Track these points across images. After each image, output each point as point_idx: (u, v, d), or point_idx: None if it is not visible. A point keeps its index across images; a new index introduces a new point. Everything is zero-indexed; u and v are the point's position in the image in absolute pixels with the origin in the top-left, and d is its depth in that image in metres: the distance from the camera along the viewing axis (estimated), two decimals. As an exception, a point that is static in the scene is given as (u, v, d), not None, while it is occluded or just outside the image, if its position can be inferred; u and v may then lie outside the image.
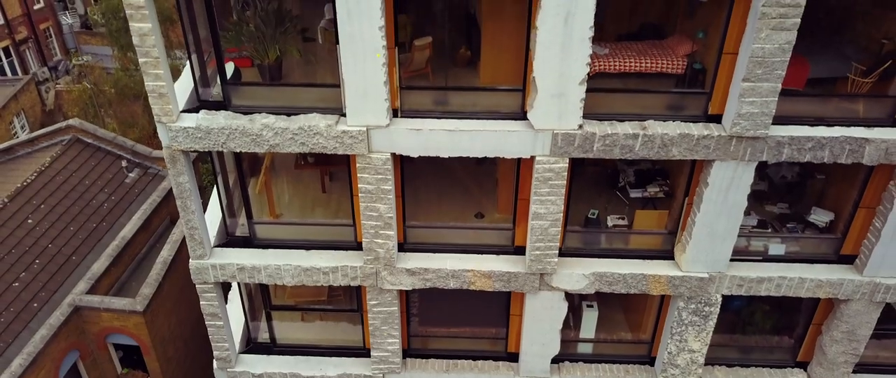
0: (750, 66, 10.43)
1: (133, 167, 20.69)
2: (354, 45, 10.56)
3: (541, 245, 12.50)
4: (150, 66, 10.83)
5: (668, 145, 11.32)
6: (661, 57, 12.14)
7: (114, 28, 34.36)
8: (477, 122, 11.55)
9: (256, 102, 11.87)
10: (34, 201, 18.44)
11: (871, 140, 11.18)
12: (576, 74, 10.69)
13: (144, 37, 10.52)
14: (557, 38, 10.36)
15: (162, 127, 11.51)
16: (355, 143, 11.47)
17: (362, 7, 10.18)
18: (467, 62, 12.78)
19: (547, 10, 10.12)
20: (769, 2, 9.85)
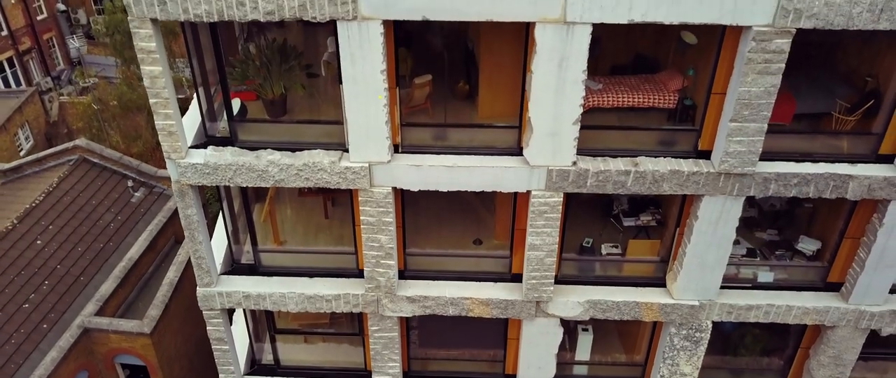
0: (737, 107, 10.85)
1: (138, 186, 21.11)
2: (357, 86, 10.98)
3: (537, 274, 12.92)
4: (161, 105, 11.25)
5: (659, 181, 11.74)
6: (654, 92, 12.56)
7: (117, 42, 34.79)
8: (475, 157, 11.97)
9: (262, 138, 12.29)
10: (43, 222, 18.86)
11: (855, 176, 11.60)
12: (570, 115, 11.11)
13: (155, 79, 10.95)
14: (552, 82, 10.78)
15: (171, 163, 11.92)
16: (358, 179, 11.89)
17: (365, 52, 10.61)
18: (466, 96, 13.22)
19: (542, 55, 10.55)
20: (755, 48, 10.28)
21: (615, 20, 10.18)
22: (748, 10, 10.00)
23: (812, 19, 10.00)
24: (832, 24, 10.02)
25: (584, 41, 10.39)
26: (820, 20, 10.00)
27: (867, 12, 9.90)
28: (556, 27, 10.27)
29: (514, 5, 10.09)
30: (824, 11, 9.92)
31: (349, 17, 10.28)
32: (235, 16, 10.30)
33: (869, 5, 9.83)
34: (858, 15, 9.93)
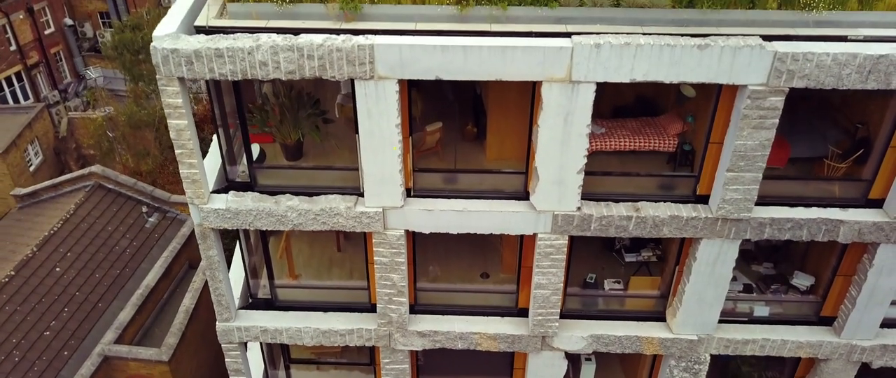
0: (733, 158, 11.44)
1: (152, 212, 21.68)
2: (373, 139, 11.57)
3: (543, 311, 13.50)
4: (185, 156, 11.83)
5: (659, 226, 12.33)
6: (654, 136, 13.15)
7: (126, 60, 35.33)
8: (483, 202, 12.55)
9: (280, 182, 12.87)
10: (61, 249, 19.43)
11: (846, 221, 12.19)
12: (574, 165, 11.69)
13: (181, 131, 11.53)
14: (558, 135, 11.36)
15: (194, 208, 12.50)
16: (372, 223, 12.47)
17: (381, 108, 11.19)
18: (474, 138, 13.83)
19: (548, 110, 11.13)
20: (750, 105, 10.87)
21: (618, 79, 10.77)
22: (744, 71, 10.58)
23: (804, 80, 10.59)
24: (823, 84, 10.61)
25: (588, 98, 10.98)
26: (811, 80, 10.59)
27: (856, 74, 10.49)
28: (562, 86, 10.86)
29: (523, 67, 10.67)
30: (815, 73, 10.50)
31: (366, 76, 10.87)
32: (259, 75, 10.89)
33: (857, 67, 10.42)
34: (847, 76, 10.51)
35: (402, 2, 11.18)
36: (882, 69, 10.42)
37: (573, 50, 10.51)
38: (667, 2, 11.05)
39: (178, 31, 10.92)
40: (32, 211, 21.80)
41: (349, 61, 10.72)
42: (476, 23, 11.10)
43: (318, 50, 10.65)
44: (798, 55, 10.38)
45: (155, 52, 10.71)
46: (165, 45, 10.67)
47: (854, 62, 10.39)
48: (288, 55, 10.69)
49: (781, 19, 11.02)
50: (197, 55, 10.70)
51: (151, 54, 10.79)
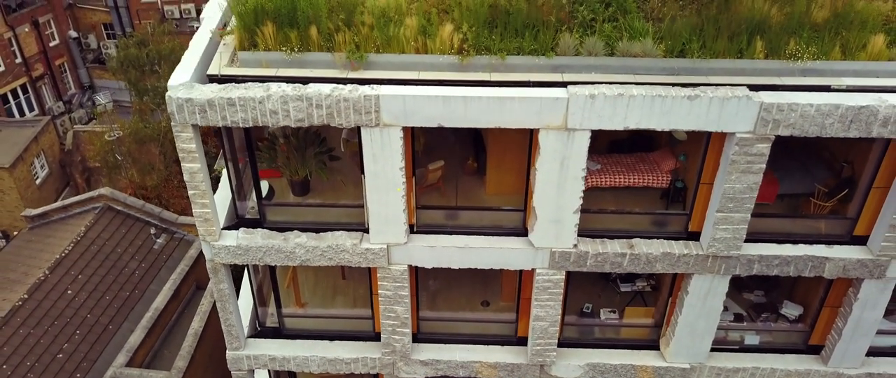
0: (723, 200, 11.96)
1: (160, 233, 22.21)
2: (378, 180, 12.09)
3: (541, 341, 14.02)
4: (198, 196, 12.35)
5: (652, 262, 12.85)
6: (648, 172, 13.68)
7: (131, 76, 35.84)
8: (484, 238, 13.07)
9: (288, 218, 13.39)
10: (72, 272, 19.95)
11: (831, 258, 12.70)
12: (571, 205, 12.22)
13: (194, 174, 12.05)
14: (554, 178, 11.89)
15: (206, 245, 13.02)
16: (377, 258, 12.99)
17: (386, 153, 11.71)
18: (474, 172, 14.36)
19: (545, 155, 11.65)
20: (738, 152, 11.40)
21: (612, 127, 11.30)
22: (731, 120, 11.10)
23: (789, 128, 11.11)
24: (807, 133, 11.13)
25: (583, 144, 11.50)
26: (796, 129, 11.11)
27: (838, 123, 11.01)
28: (558, 133, 11.38)
29: (521, 116, 11.20)
30: (800, 122, 11.03)
31: (372, 124, 11.39)
32: (269, 123, 11.41)
33: (839, 117, 10.94)
34: (830, 125, 11.04)
35: (406, 51, 11.70)
36: (863, 119, 10.94)
37: (569, 100, 11.03)
38: (659, 51, 11.55)
39: (192, 79, 11.44)
40: (43, 232, 22.32)
41: (356, 110, 11.24)
42: (476, 71, 11.61)
43: (326, 99, 11.17)
44: (783, 106, 10.90)
45: (170, 101, 11.23)
46: (180, 95, 11.19)
47: (836, 112, 10.90)
48: (297, 104, 11.21)
49: (768, 68, 11.52)
50: (210, 104, 11.22)
51: (166, 102, 11.31)
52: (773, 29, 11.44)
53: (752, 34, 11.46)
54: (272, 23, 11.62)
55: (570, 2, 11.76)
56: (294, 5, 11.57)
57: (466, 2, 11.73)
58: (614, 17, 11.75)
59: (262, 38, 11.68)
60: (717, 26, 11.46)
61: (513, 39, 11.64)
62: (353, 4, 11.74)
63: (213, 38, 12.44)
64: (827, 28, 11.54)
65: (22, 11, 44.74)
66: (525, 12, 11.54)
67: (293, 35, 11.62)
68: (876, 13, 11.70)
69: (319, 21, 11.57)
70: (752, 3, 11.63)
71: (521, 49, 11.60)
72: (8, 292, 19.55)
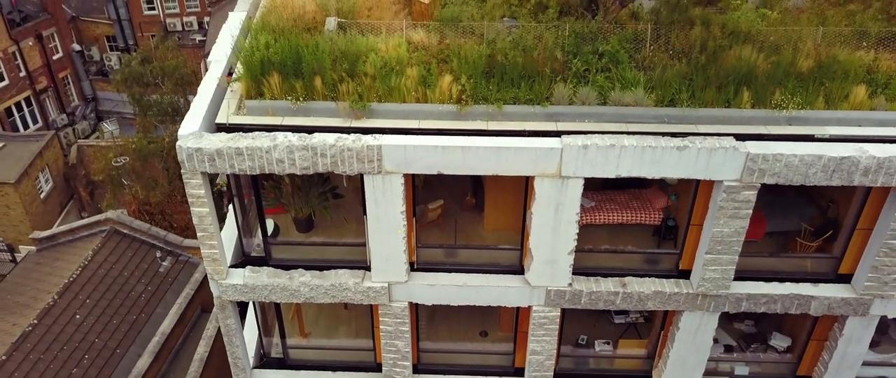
0: (711, 243, 12.44)
1: (165, 256, 22.67)
2: (380, 223, 12.56)
3: (538, 373, 14.49)
4: (207, 238, 12.81)
5: (644, 300, 13.33)
6: (641, 210, 14.14)
7: (135, 92, 36.27)
8: (481, 276, 13.54)
9: (293, 256, 13.86)
10: (80, 296, 20.40)
11: (817, 297, 13.18)
12: (565, 247, 12.69)
13: (203, 218, 12.52)
14: (549, 221, 12.36)
15: (214, 283, 13.49)
16: (378, 296, 13.47)
17: (388, 198, 12.19)
18: (473, 207, 14.82)
19: (540, 201, 12.13)
20: (726, 199, 11.88)
21: (604, 175, 11.77)
22: (719, 169, 11.58)
23: (774, 177, 11.59)
24: (791, 181, 11.61)
25: (577, 191, 11.97)
26: (781, 178, 11.58)
27: (821, 172, 11.48)
28: (553, 180, 11.86)
29: (517, 164, 11.67)
30: (785, 171, 11.50)
31: (375, 171, 11.86)
32: (275, 170, 11.88)
33: (822, 167, 11.42)
34: (813, 174, 11.51)
35: (407, 100, 12.17)
36: (845, 169, 11.41)
37: (563, 150, 11.50)
38: (650, 101, 12.03)
39: (201, 128, 11.90)
40: (51, 255, 22.77)
41: (359, 159, 11.71)
42: (474, 119, 12.09)
43: (330, 149, 11.64)
44: (768, 156, 11.37)
45: (180, 150, 11.70)
46: (190, 145, 11.66)
47: (819, 162, 11.38)
48: (303, 154, 11.68)
49: (755, 116, 12.01)
50: (219, 153, 11.69)
51: (177, 152, 11.78)
52: (759, 80, 11.91)
53: (740, 85, 11.94)
54: (278, 73, 12.09)
55: (564, 53, 12.23)
56: (299, 57, 12.05)
57: (465, 52, 12.19)
58: (607, 67, 12.22)
59: (269, 87, 12.16)
60: (706, 77, 11.94)
61: (509, 89, 12.12)
62: (356, 56, 12.20)
63: (220, 84, 12.88)
64: (811, 78, 12.02)
65: (26, 25, 45.20)
66: (521, 64, 12.01)
67: (298, 85, 12.09)
68: (858, 64, 12.18)
69: (324, 72, 12.04)
70: (739, 52, 12.12)
71: (517, 98, 12.08)
72: (18, 317, 20.02)
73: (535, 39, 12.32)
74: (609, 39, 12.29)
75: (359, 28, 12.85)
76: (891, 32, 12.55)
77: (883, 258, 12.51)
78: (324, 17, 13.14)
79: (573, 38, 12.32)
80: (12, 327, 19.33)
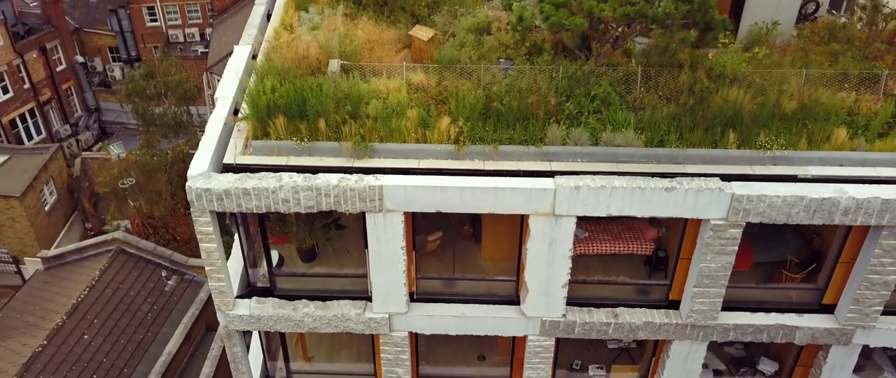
0: (699, 277, 12.96)
1: (171, 275, 23.19)
2: (381, 258, 13.08)
3: (533, 399, 15.02)
4: (214, 272, 13.33)
5: (635, 330, 13.85)
6: (632, 240, 14.64)
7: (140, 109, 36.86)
8: (479, 306, 14.06)
9: (297, 287, 14.38)
10: (88, 316, 20.92)
11: (801, 327, 13.70)
12: (559, 280, 13.21)
13: (211, 253, 13.03)
14: (544, 257, 12.88)
15: (221, 313, 14.00)
16: (379, 327, 13.98)
17: (389, 234, 12.71)
18: (470, 236, 15.34)
19: (535, 237, 12.65)
20: (712, 236, 12.40)
21: (596, 214, 12.29)
22: (706, 209, 12.09)
23: (758, 216, 12.11)
24: (775, 220, 12.13)
25: (569, 228, 12.49)
26: (765, 217, 12.10)
27: (803, 212, 12.00)
28: (546, 218, 12.38)
29: (512, 204, 12.20)
30: (768, 211, 12.02)
31: (376, 210, 12.38)
32: (281, 209, 12.40)
33: (804, 207, 11.94)
34: (796, 214, 12.03)
35: (407, 140, 12.69)
36: (826, 209, 11.93)
37: (556, 191, 12.02)
38: (639, 141, 12.55)
39: (209, 168, 12.41)
40: (58, 274, 23.29)
41: (361, 198, 12.23)
42: (472, 158, 12.61)
43: (333, 189, 12.15)
44: (753, 197, 11.89)
45: (190, 190, 12.21)
46: (199, 185, 12.17)
47: (801, 203, 11.90)
48: (307, 193, 12.20)
49: (741, 156, 12.53)
50: (227, 193, 12.20)
51: (187, 192, 12.29)
52: (745, 122, 12.43)
53: (726, 127, 12.46)
54: (283, 115, 12.61)
55: (557, 95, 12.75)
56: (304, 100, 12.57)
57: (462, 96, 12.70)
58: (599, 109, 12.74)
59: (274, 128, 12.67)
60: (694, 119, 12.46)
61: (505, 130, 12.64)
62: (359, 98, 12.72)
63: (227, 123, 13.38)
64: (795, 119, 12.53)
65: (30, 38, 45.80)
66: (516, 108, 12.52)
67: (303, 126, 12.62)
68: (839, 105, 12.70)
69: (327, 114, 12.56)
70: (726, 94, 12.63)
71: (513, 139, 12.60)
72: (28, 337, 20.54)
73: (530, 83, 12.82)
74: (601, 81, 12.80)
75: (361, 70, 13.36)
76: (871, 74, 13.07)
77: (864, 291, 13.02)
78: (327, 58, 13.64)
79: (566, 81, 12.83)
80: (22, 348, 19.86)
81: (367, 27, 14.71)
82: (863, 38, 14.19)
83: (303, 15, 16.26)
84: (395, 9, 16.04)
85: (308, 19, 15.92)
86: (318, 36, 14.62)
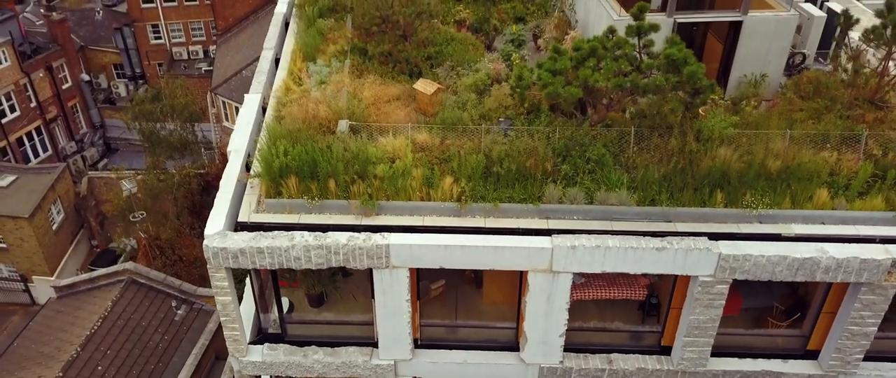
0: (689, 329, 13.67)
1: (181, 304, 23.89)
2: (387, 309, 13.78)
3: (531, 437, 15.71)
4: (229, 322, 14.03)
5: (629, 375, 14.55)
6: (627, 287, 15.35)
7: (146, 130, 37.58)
8: (481, 353, 14.77)
9: (307, 333, 15.09)
10: (101, 347, 21.61)
11: (786, 374, 14.41)
12: (557, 330, 13.92)
13: (226, 305, 13.74)
14: (542, 309, 13.59)
15: (234, 359, 14.71)
16: (385, 373, 14.68)
17: (395, 289, 13.42)
18: (472, 281, 16.04)
19: (533, 291, 13.36)
20: (700, 292, 13.10)
21: (591, 270, 13.00)
22: (695, 266, 12.80)
23: (744, 274, 12.82)
24: (759, 278, 12.84)
25: (566, 283, 13.20)
26: (750, 275, 12.81)
27: (786, 270, 12.71)
28: (544, 274, 13.08)
29: (512, 261, 12.90)
30: (753, 269, 12.73)
31: (383, 266, 13.09)
32: (293, 266, 13.10)
33: (787, 266, 12.64)
34: (779, 272, 12.74)
35: (413, 198, 13.40)
36: (807, 268, 12.63)
37: (553, 250, 12.73)
38: (632, 201, 13.25)
39: (225, 226, 13.12)
40: (71, 303, 23.98)
41: (369, 256, 12.94)
42: (474, 215, 13.32)
43: (343, 248, 12.86)
44: (739, 256, 12.60)
45: (207, 249, 12.91)
46: (216, 244, 12.87)
47: (784, 262, 12.61)
48: (318, 252, 12.90)
49: (728, 214, 13.24)
50: (241, 252, 12.91)
51: (204, 250, 12.99)
52: (732, 182, 13.15)
53: (714, 187, 13.17)
54: (295, 176, 13.32)
55: (554, 156, 13.46)
56: (315, 162, 13.28)
57: (464, 158, 13.39)
58: (593, 169, 13.45)
59: (287, 188, 13.39)
60: (683, 180, 13.17)
61: (505, 189, 13.35)
62: (367, 160, 13.42)
63: (240, 180, 14.07)
64: (779, 179, 13.24)
65: (37, 58, 46.46)
66: (515, 171, 13.24)
67: (314, 186, 13.32)
68: (822, 166, 13.40)
69: (337, 175, 13.27)
70: (713, 154, 13.33)
71: (512, 198, 13.31)
72: (43, 368, 21.23)
73: (528, 145, 13.52)
74: (596, 143, 13.50)
75: (368, 131, 14.07)
76: (851, 134, 13.78)
77: (845, 341, 13.73)
78: (336, 118, 14.36)
79: (563, 142, 13.54)
80: (38, 380, 20.56)
81: (374, 86, 15.42)
82: (846, 95, 14.89)
83: (311, 67, 17.00)
84: (400, 60, 16.78)
85: (316, 72, 16.66)
86: (327, 92, 15.36)
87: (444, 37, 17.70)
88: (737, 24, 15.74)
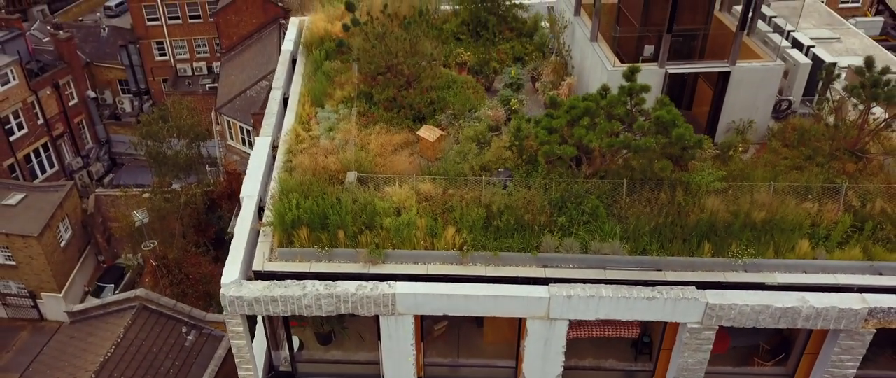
0: (678, 371, 14.46)
1: (191, 330, 24.66)
2: (392, 352, 14.56)
3: None
4: (243, 363, 14.79)
5: (622, 413, 15.36)
6: (621, 325, 16.09)
7: (153, 150, 38.35)
8: (481, 391, 15.57)
9: (316, 371, 15.87)
10: (115, 374, 22.40)
11: (771, 412, 15.23)
12: (553, 372, 14.71)
13: (241, 349, 14.51)
14: (539, 353, 14.38)
15: (248, 398, 15.49)
16: (391, 410, 15.48)
17: (400, 333, 14.20)
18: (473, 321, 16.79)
19: (531, 337, 14.15)
20: (689, 338, 13.89)
21: (586, 317, 13.79)
22: (683, 314, 13.59)
23: (730, 321, 13.60)
24: (744, 325, 13.62)
25: (563, 330, 13.99)
26: (735, 322, 13.60)
27: (769, 318, 13.49)
28: (542, 321, 13.87)
29: (512, 308, 13.70)
30: (738, 317, 13.51)
31: (389, 313, 13.87)
32: (304, 313, 13.88)
33: (770, 314, 13.43)
34: (763, 319, 13.52)
35: (417, 247, 14.18)
36: (789, 316, 13.42)
37: (550, 299, 13.52)
38: (625, 250, 14.03)
39: (240, 275, 13.89)
40: (84, 329, 24.76)
41: (376, 304, 13.71)
42: (475, 263, 14.09)
43: (351, 297, 13.64)
44: (725, 305, 13.38)
45: (223, 297, 13.69)
46: (232, 293, 13.65)
47: (768, 311, 13.39)
48: (328, 300, 13.67)
49: (715, 263, 14.02)
50: (256, 300, 13.68)
51: (220, 298, 13.77)
52: (718, 233, 13.92)
53: (702, 237, 13.95)
54: (307, 227, 14.09)
55: (551, 207, 14.23)
56: (325, 214, 14.06)
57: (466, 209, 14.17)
58: (588, 220, 14.23)
59: (298, 238, 14.15)
60: (673, 231, 13.95)
61: (505, 239, 14.13)
62: (374, 212, 14.19)
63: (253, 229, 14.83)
64: (763, 229, 14.01)
65: (44, 76, 47.24)
66: (514, 222, 14.02)
67: (324, 236, 14.10)
68: (804, 216, 14.17)
69: (346, 226, 14.04)
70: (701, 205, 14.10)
71: (511, 247, 14.09)
72: (58, 394, 22.03)
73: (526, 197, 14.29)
74: (590, 195, 14.27)
75: (375, 181, 14.84)
76: (831, 186, 14.55)
77: (826, 382, 14.54)
78: (344, 169, 15.13)
79: (559, 195, 14.32)
80: (54, 406, 21.33)
81: (380, 134, 16.20)
82: (827, 146, 15.66)
83: (319, 112, 17.78)
84: (404, 106, 17.55)
85: (325, 118, 17.43)
86: (336, 140, 16.14)
87: (445, 80, 18.44)
88: (726, 74, 16.51)
